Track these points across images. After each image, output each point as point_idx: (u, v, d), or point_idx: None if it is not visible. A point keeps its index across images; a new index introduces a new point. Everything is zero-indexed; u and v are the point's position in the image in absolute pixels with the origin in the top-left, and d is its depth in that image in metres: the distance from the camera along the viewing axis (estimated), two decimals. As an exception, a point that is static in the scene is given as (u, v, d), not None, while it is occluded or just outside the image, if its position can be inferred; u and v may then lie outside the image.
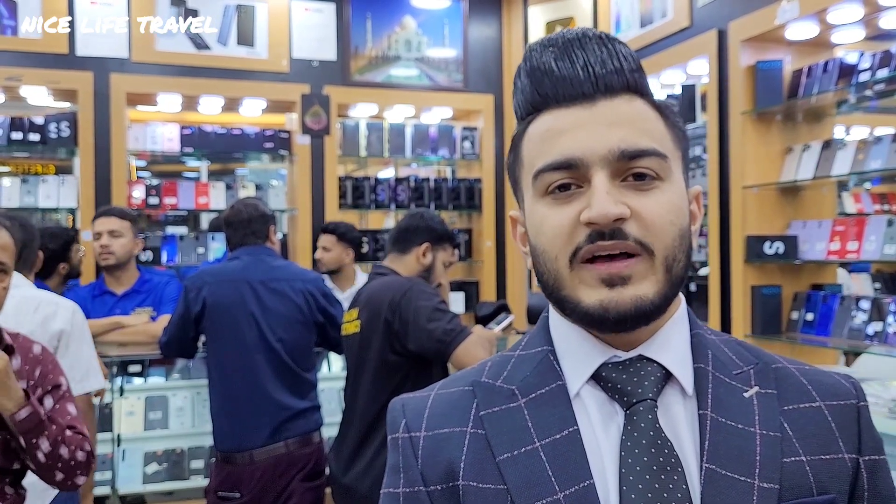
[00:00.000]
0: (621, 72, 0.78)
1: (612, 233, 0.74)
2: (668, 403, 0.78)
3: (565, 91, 0.78)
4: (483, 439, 0.79)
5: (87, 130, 4.26)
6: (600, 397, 0.79)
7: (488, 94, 5.02)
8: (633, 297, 0.75)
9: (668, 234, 0.76)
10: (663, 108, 0.82)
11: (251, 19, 4.58)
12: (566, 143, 0.77)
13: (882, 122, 4.02)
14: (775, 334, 3.12)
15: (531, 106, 0.81)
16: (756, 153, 3.19)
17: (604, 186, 0.74)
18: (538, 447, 0.77)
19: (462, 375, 0.88)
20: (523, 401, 0.80)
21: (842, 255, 2.93)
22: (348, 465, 2.56)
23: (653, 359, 0.79)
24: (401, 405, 0.87)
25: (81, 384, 2.38)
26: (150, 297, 3.56)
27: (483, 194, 4.99)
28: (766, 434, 0.77)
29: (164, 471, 3.42)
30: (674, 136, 0.81)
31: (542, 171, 0.78)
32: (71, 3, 4.26)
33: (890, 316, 2.75)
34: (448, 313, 2.48)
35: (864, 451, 0.81)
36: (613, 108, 0.77)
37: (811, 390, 0.82)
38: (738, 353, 0.84)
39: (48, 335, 2.32)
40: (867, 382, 2.61)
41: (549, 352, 0.83)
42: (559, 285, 0.78)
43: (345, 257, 4.00)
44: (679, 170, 0.81)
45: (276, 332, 2.87)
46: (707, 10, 3.47)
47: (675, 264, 0.77)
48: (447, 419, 0.82)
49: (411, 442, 0.82)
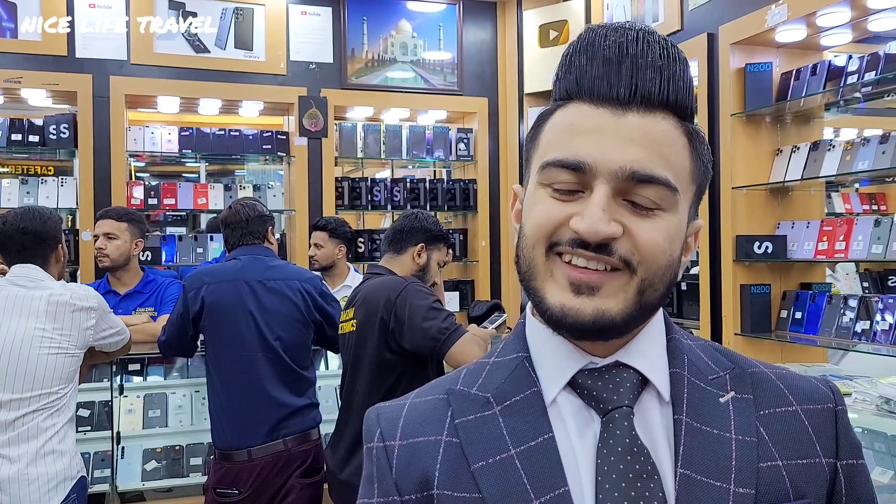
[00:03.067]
0: (665, 87, 0.74)
1: (598, 246, 0.72)
2: (644, 409, 0.77)
3: (601, 90, 0.74)
4: (458, 448, 0.78)
5: (87, 132, 4.30)
6: (576, 404, 0.78)
7: (483, 97, 5.08)
8: (594, 309, 0.73)
9: (658, 260, 0.74)
10: (696, 138, 0.78)
11: (249, 23, 4.63)
12: (582, 144, 0.74)
13: (870, 124, 4.06)
14: (764, 332, 3.17)
15: (566, 91, 0.78)
16: (746, 154, 3.24)
17: (601, 202, 0.72)
18: (513, 455, 0.76)
19: (438, 383, 0.87)
20: (498, 408, 0.79)
21: (830, 255, 2.98)
22: (345, 462, 2.60)
23: (629, 365, 0.78)
24: (376, 414, 0.86)
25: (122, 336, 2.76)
26: (152, 297, 3.60)
27: (478, 195, 5.04)
28: (741, 439, 0.76)
29: (162, 468, 3.45)
30: (695, 169, 0.78)
31: (551, 165, 0.75)
32: (70, 6, 4.30)
33: (877, 314, 2.79)
34: (443, 312, 2.53)
35: (841, 456, 0.80)
36: (643, 123, 0.73)
37: (787, 394, 0.81)
38: (714, 358, 0.83)
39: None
40: (856, 380, 2.67)
41: (524, 358, 0.82)
42: (531, 274, 0.77)
43: (337, 253, 4.01)
44: (687, 203, 0.78)
45: (274, 330, 2.91)
46: (698, 13, 3.52)
47: (650, 290, 0.74)
48: (422, 428, 0.81)
49: (386, 451, 0.82)
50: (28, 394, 2.38)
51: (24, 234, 2.52)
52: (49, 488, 2.35)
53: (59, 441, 2.42)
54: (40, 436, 2.38)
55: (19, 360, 2.38)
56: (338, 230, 4.01)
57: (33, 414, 2.38)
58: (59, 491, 2.37)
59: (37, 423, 2.38)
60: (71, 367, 2.50)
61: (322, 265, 3.99)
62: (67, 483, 2.41)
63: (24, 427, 2.37)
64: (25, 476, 2.32)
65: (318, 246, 4.02)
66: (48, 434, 2.39)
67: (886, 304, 2.77)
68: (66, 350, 2.48)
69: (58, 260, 2.63)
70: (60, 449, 2.41)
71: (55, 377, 2.43)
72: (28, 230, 2.53)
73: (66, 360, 2.48)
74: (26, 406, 2.38)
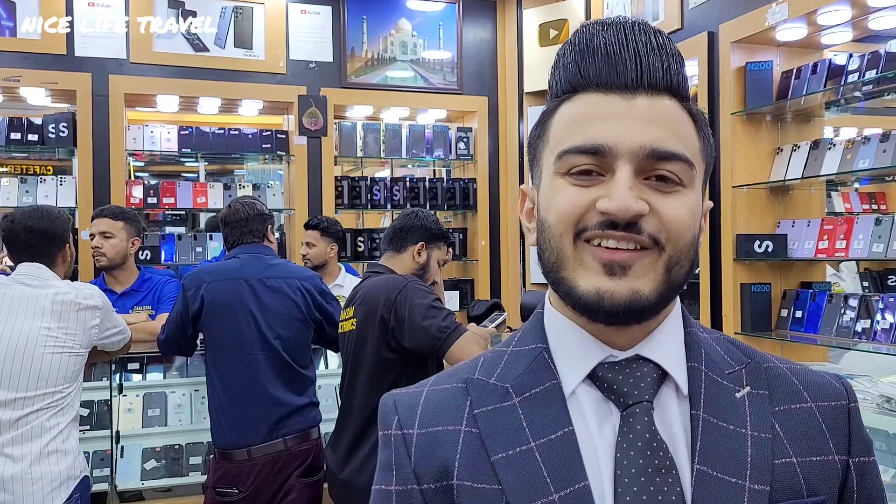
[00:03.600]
0: (668, 71, 0.77)
1: (627, 225, 0.73)
2: (663, 404, 0.77)
3: (609, 77, 0.76)
4: (477, 438, 0.78)
5: (86, 131, 4.29)
6: (595, 396, 0.78)
7: (482, 96, 5.07)
8: (629, 289, 0.73)
9: (684, 237, 0.75)
10: (698, 118, 0.80)
11: (248, 21, 4.63)
12: (598, 128, 0.75)
13: (870, 123, 4.07)
14: (765, 331, 3.17)
15: (570, 84, 0.78)
16: (746, 153, 3.24)
17: (627, 181, 0.73)
18: (533, 447, 0.76)
19: (455, 371, 0.87)
20: (517, 399, 0.79)
21: (830, 254, 2.98)
22: (345, 461, 2.60)
23: (649, 358, 0.78)
24: (393, 401, 0.85)
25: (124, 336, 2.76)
26: (149, 296, 3.59)
27: (478, 194, 5.04)
28: (757, 435, 0.76)
29: (162, 467, 3.45)
30: (703, 147, 0.80)
31: (568, 152, 0.76)
32: (69, 5, 4.30)
33: (878, 313, 2.79)
34: (443, 310, 2.52)
35: (853, 453, 0.80)
36: (652, 105, 0.75)
37: (802, 391, 0.82)
38: (730, 352, 0.83)
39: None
40: (856, 379, 2.66)
41: (543, 349, 0.82)
42: (560, 265, 0.77)
43: (329, 252, 4.01)
44: (700, 181, 0.80)
45: (274, 329, 2.91)
46: (698, 12, 3.52)
47: (676, 267, 0.75)
48: (440, 417, 0.81)
49: (404, 439, 0.81)
50: (32, 393, 2.38)
51: (31, 232, 2.52)
52: (52, 488, 2.34)
53: (63, 440, 2.41)
54: (44, 435, 2.37)
55: (24, 358, 2.37)
56: (330, 229, 4.01)
57: (37, 413, 2.38)
58: (63, 490, 2.36)
59: (41, 422, 2.37)
60: (75, 367, 2.49)
61: (314, 264, 3.99)
62: (71, 483, 2.40)
63: (27, 426, 2.36)
64: (29, 475, 2.31)
65: (310, 245, 4.02)
66: (52, 433, 2.39)
67: (887, 303, 2.77)
68: (71, 349, 2.47)
69: (64, 259, 2.62)
70: (64, 448, 2.40)
71: (59, 376, 2.43)
72: (35, 228, 2.53)
73: (71, 360, 2.47)
74: (30, 405, 2.37)
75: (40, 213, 2.58)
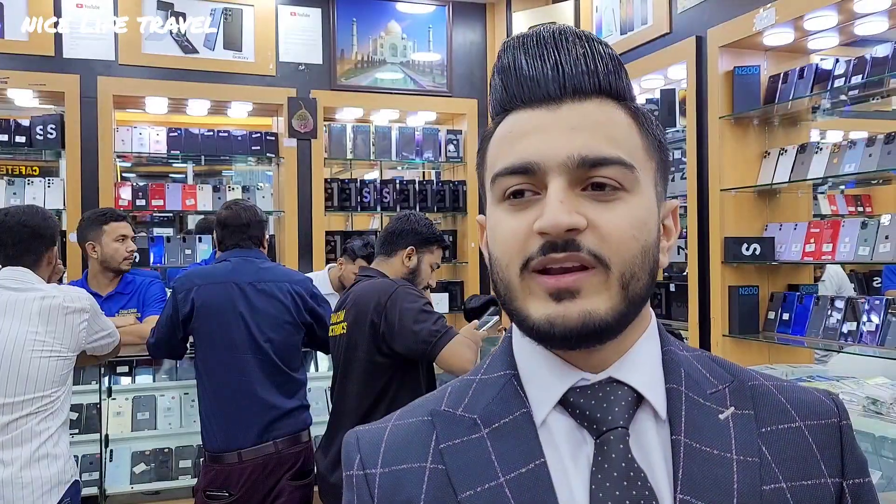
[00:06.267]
0: (594, 73, 0.73)
1: (565, 244, 0.69)
2: (640, 430, 0.73)
3: (531, 91, 0.73)
4: (444, 475, 0.73)
5: (74, 132, 4.27)
6: (568, 424, 0.73)
7: (472, 98, 5.09)
8: (580, 311, 0.69)
9: (629, 249, 0.70)
10: (639, 115, 0.76)
11: (238, 23, 4.62)
12: (525, 146, 0.72)
13: (856, 127, 4.11)
14: (752, 334, 3.20)
15: (500, 106, 0.77)
16: (734, 157, 3.26)
17: (558, 195, 0.69)
18: (503, 482, 0.71)
19: (421, 403, 0.82)
20: (486, 431, 0.75)
21: (817, 257, 3.01)
22: (336, 464, 2.60)
23: (623, 381, 0.73)
24: (355, 438, 0.81)
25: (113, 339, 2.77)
26: (134, 298, 3.58)
27: (467, 196, 5.06)
28: (743, 459, 0.72)
29: (151, 470, 3.44)
30: (647, 146, 0.75)
31: (500, 175, 0.73)
32: (58, 6, 4.28)
33: (864, 315, 2.82)
34: (434, 314, 2.53)
35: (847, 474, 0.75)
36: (580, 111, 0.72)
37: (790, 409, 0.77)
38: (712, 371, 0.79)
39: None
40: (842, 381, 2.69)
41: (512, 376, 0.78)
42: (510, 296, 0.73)
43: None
44: (650, 182, 0.75)
45: (264, 332, 2.91)
46: (686, 16, 3.54)
47: (633, 281, 0.70)
48: (405, 453, 0.76)
49: (366, 480, 0.76)
50: (21, 397, 2.37)
51: (23, 226, 2.55)
52: (43, 492, 2.34)
53: (54, 445, 2.40)
54: (34, 439, 2.36)
55: (12, 363, 2.37)
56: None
57: (27, 417, 2.37)
58: (53, 495, 2.36)
59: (31, 426, 2.37)
60: (64, 370, 2.48)
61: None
62: (61, 487, 2.40)
63: (17, 431, 2.35)
64: (19, 480, 2.30)
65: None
66: (42, 438, 2.38)
67: (872, 305, 2.79)
68: (59, 353, 2.47)
69: (49, 262, 2.62)
70: (55, 453, 2.40)
71: (48, 380, 2.42)
72: (28, 224, 2.55)
73: (60, 364, 2.46)
74: (20, 410, 2.36)
75: (34, 211, 2.62)
